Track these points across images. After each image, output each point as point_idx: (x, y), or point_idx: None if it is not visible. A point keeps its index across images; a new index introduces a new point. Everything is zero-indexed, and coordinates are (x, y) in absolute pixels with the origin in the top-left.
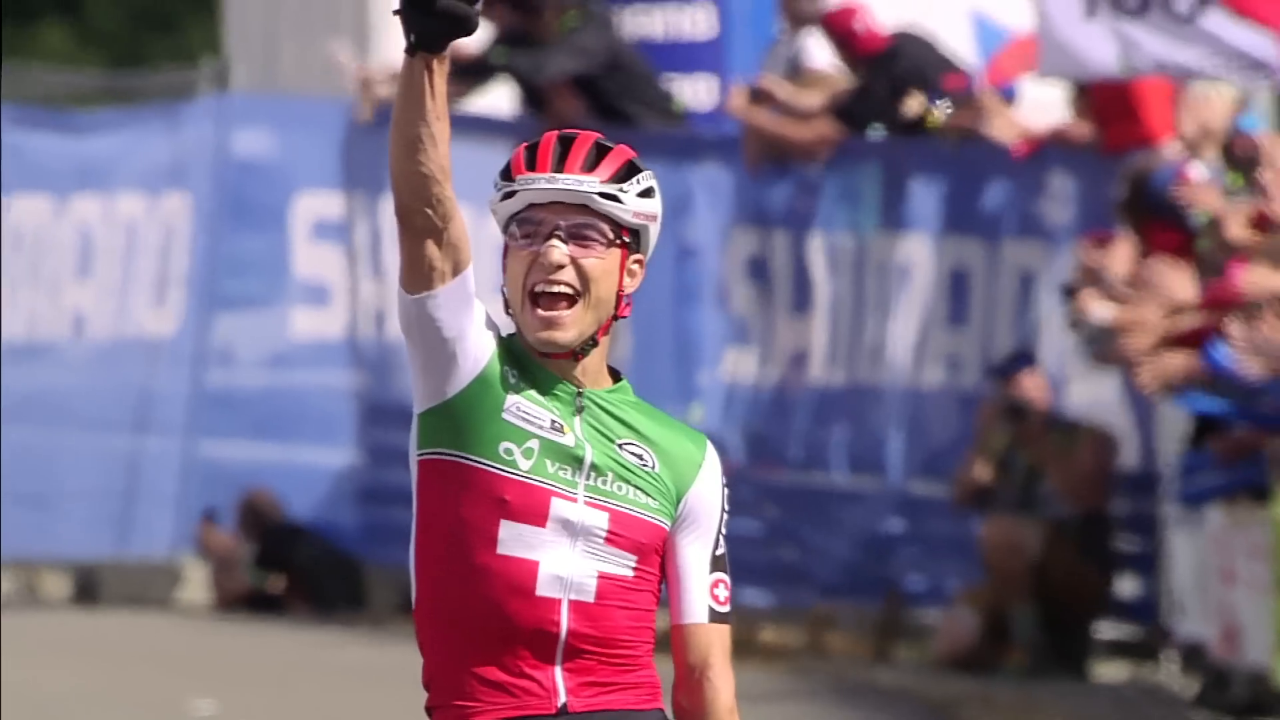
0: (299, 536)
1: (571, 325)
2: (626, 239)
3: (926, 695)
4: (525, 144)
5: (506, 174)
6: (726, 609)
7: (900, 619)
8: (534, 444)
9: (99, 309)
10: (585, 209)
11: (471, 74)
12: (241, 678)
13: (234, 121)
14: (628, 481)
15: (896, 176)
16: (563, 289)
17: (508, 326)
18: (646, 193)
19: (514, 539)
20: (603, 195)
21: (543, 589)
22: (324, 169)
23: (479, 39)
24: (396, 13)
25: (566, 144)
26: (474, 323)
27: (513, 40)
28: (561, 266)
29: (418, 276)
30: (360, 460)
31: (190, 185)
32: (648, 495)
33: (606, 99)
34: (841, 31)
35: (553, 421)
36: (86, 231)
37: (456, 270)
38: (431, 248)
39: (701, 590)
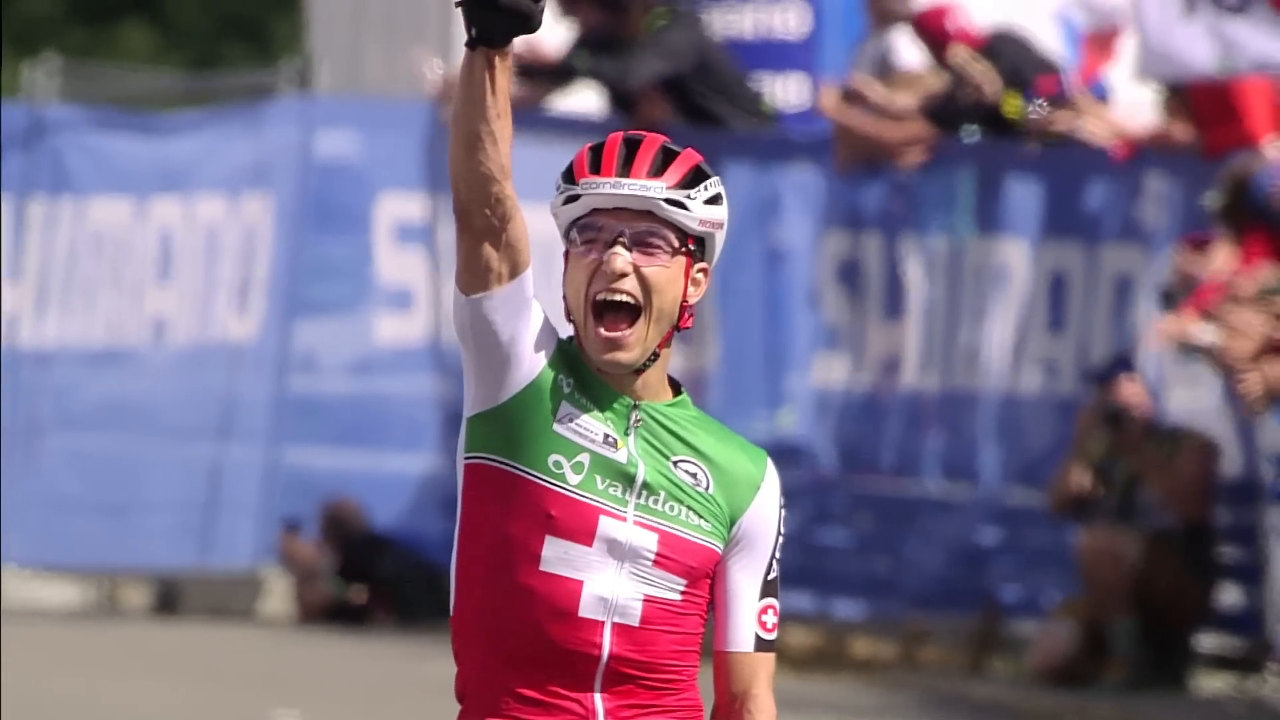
0: (382, 546)
1: (635, 345)
2: (692, 247)
3: (1023, 709)
4: (589, 145)
5: (569, 176)
6: (773, 636)
7: (996, 631)
8: (584, 458)
9: (180, 314)
10: (650, 215)
11: (555, 77)
12: (324, 690)
13: (316, 123)
14: (680, 502)
15: (992, 179)
16: (625, 298)
17: (567, 330)
18: (714, 199)
19: (558, 558)
20: (669, 201)
21: (585, 610)
22: (408, 171)
23: (563, 38)
24: (459, 5)
25: (632, 147)
26: (530, 327)
27: (599, 40)
28: (624, 275)
29: (474, 277)
30: (445, 468)
31: (272, 188)
32: (700, 516)
33: (695, 99)
34: (935, 31)
35: (605, 435)
36: (167, 235)
37: (514, 272)
38: (489, 248)
39: (749, 617)
